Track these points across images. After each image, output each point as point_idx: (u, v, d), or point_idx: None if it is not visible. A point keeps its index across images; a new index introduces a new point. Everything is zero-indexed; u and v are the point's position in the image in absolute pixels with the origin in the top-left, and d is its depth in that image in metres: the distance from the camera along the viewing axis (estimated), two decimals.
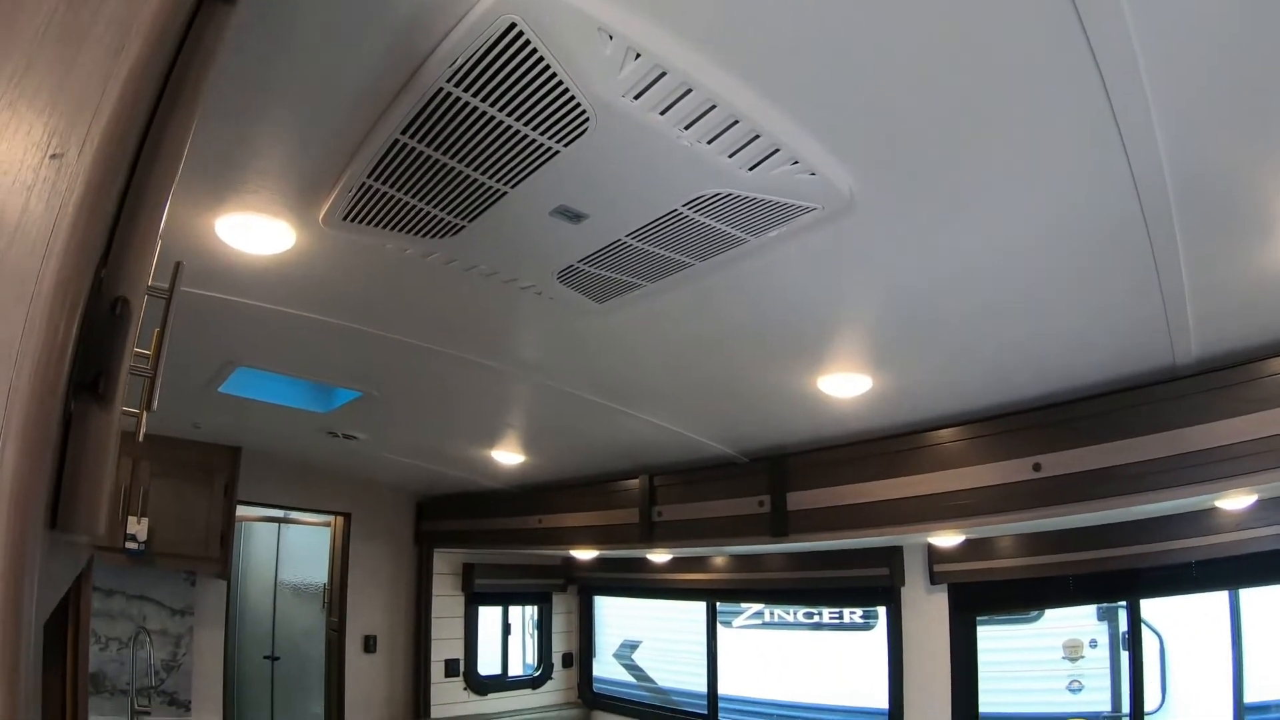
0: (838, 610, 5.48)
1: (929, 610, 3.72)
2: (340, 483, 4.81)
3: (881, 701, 3.91)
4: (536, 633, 5.53)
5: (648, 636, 5.58)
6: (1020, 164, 1.40)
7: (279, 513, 5.24)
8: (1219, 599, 4.80)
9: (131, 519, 3.68)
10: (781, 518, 3.03)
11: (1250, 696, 4.06)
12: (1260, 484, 2.21)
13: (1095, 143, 1.31)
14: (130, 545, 3.65)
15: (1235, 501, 2.80)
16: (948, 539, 3.29)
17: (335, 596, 4.88)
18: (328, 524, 5.07)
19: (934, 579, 3.66)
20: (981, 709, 3.71)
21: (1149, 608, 4.97)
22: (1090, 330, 2.14)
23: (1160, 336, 2.13)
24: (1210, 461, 2.23)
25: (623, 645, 5.57)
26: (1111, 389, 2.43)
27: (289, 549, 5.46)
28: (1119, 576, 3.39)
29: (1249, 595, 4.65)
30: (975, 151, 1.37)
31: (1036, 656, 5.32)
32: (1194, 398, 2.26)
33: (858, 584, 3.87)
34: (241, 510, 4.38)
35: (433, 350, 2.39)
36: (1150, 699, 3.98)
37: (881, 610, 4.09)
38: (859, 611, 5.37)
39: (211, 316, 2.16)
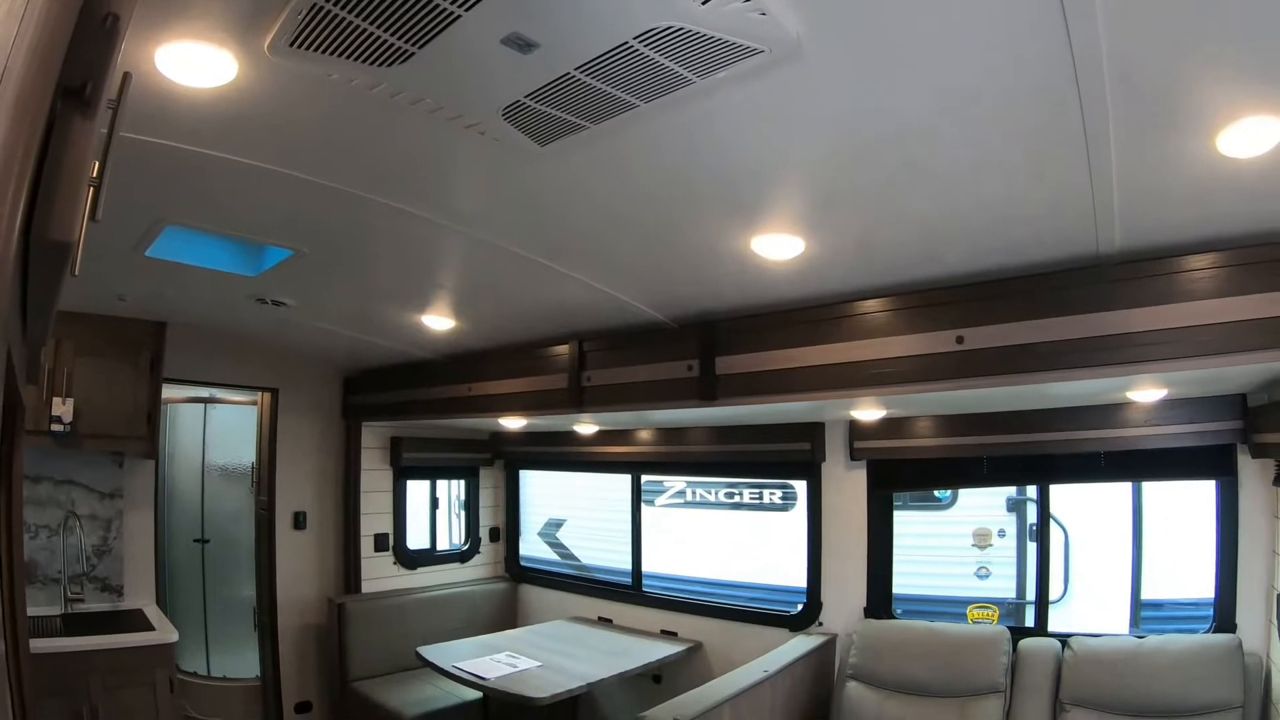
0: (758, 490, 5.65)
1: (848, 486, 3.83)
2: (268, 358, 4.69)
3: (799, 581, 4.05)
4: (464, 510, 5.59)
5: (572, 516, 5.70)
6: (959, 16, 1.37)
7: (205, 393, 5.13)
8: (1123, 499, 5.09)
9: (56, 400, 3.54)
10: (710, 382, 3.04)
11: (1146, 594, 4.36)
12: (1169, 371, 2.27)
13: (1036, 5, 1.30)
14: (56, 427, 3.54)
15: (1145, 393, 2.91)
16: (869, 412, 3.36)
17: (264, 474, 4.82)
18: (254, 402, 4.97)
19: (854, 455, 3.75)
20: (895, 590, 3.88)
21: (1057, 502, 5.24)
22: (1019, 204, 2.13)
23: (1086, 221, 2.15)
24: (1124, 346, 2.27)
25: (547, 524, 5.68)
26: (1037, 271, 2.46)
27: (215, 431, 5.36)
28: (1030, 461, 3.51)
29: (1151, 496, 4.94)
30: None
31: (948, 543, 5.61)
32: (1114, 285, 2.29)
33: (780, 458, 3.94)
34: (167, 391, 4.25)
35: (369, 200, 2.28)
36: (1054, 589, 4.18)
37: (801, 491, 4.23)
38: (778, 493, 5.56)
39: (144, 168, 2.04)
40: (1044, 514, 3.80)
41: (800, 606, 3.93)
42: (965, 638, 3.30)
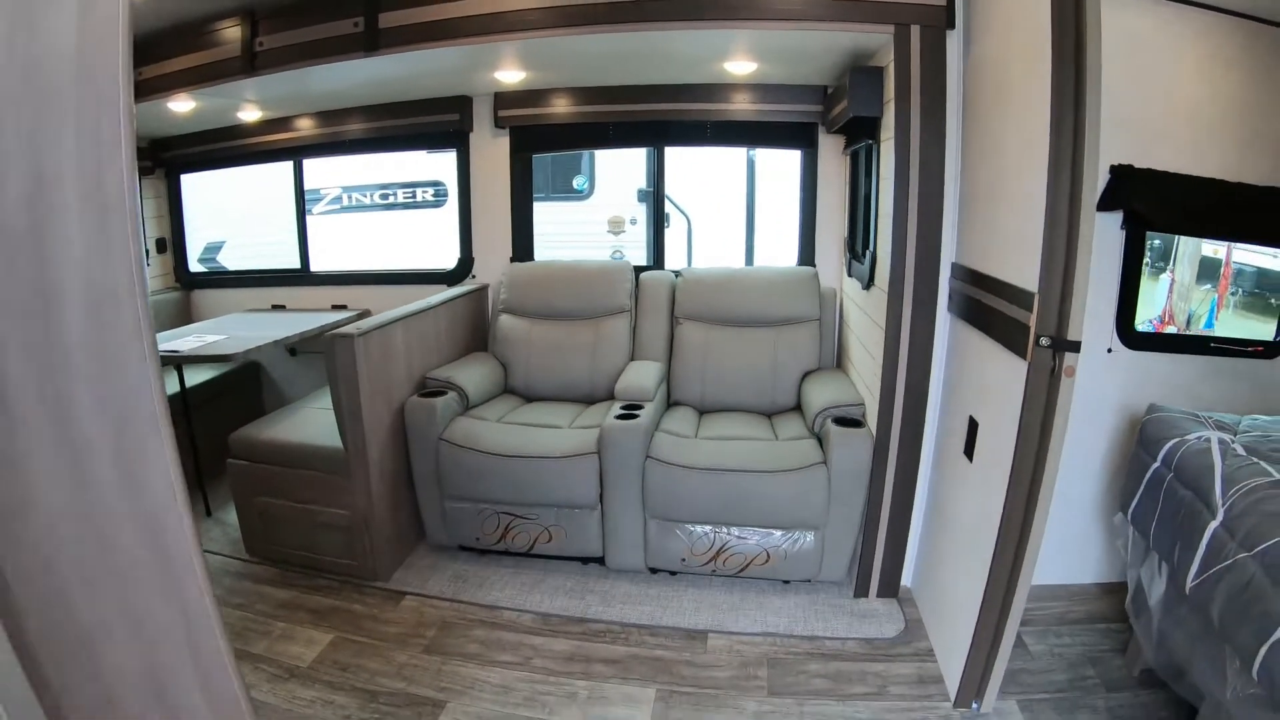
0: (411, 190, 5.78)
1: (493, 153, 4.11)
2: None
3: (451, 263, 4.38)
4: None
5: (231, 237, 5.39)
6: None
7: None
8: (738, 190, 6.02)
9: None
10: (374, 36, 3.04)
11: (758, 261, 5.29)
12: (750, 29, 2.77)
13: None
14: None
15: (740, 64, 3.43)
16: (511, 73, 3.57)
17: None
18: None
19: (499, 123, 4.00)
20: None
21: (682, 191, 6.07)
22: None
23: None
24: (723, 5, 2.72)
25: (206, 249, 5.31)
26: None
27: None
28: (650, 126, 4.01)
29: (762, 176, 5.88)
30: None
31: (587, 229, 6.32)
32: None
33: (433, 129, 4.06)
34: None
35: None
36: (679, 263, 4.92)
37: (450, 188, 4.44)
38: (430, 190, 5.74)
39: None
40: (660, 172, 4.39)
41: (455, 263, 4.28)
42: (596, 270, 3.92)
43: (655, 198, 4.40)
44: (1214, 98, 2.73)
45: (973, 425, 2.51)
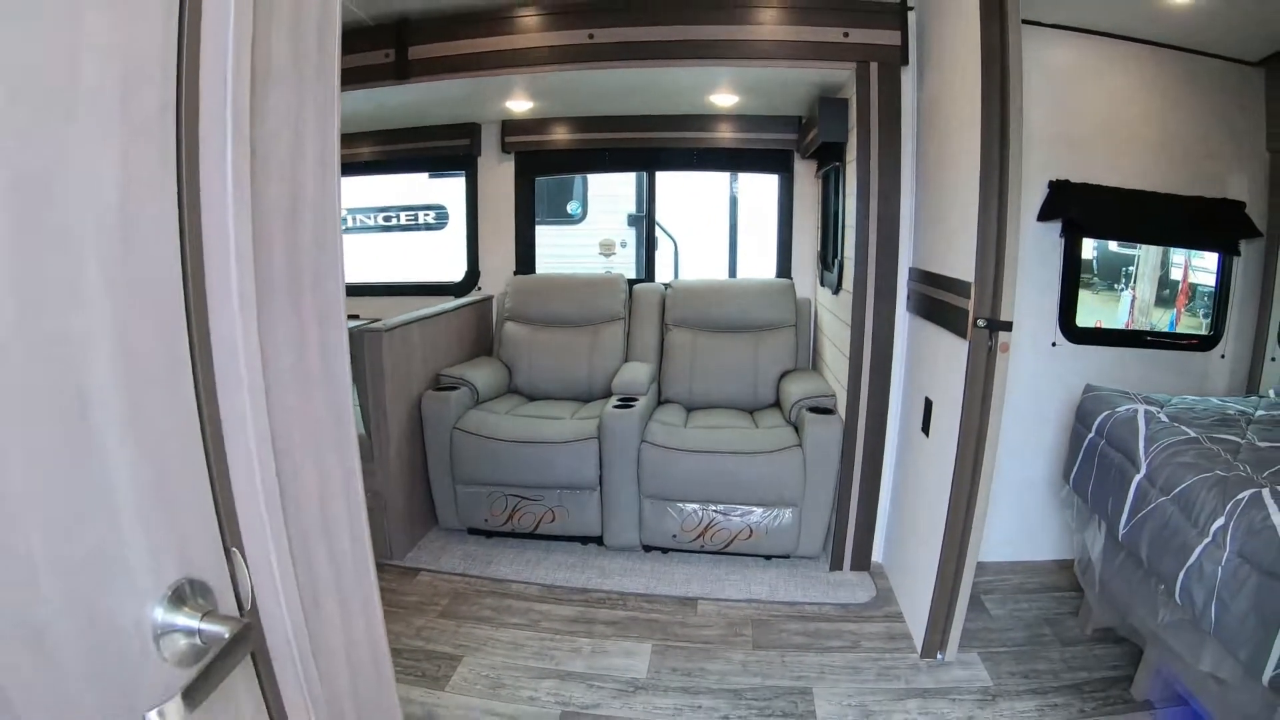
0: (413, 214, 6.13)
1: (499, 176, 4.50)
2: None
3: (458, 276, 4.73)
4: None
5: None
6: None
7: None
8: (722, 220, 6.41)
9: None
10: (404, 66, 3.40)
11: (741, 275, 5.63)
12: (736, 66, 3.20)
13: None
14: None
15: (724, 97, 3.86)
16: (520, 103, 3.96)
17: None
18: None
19: (505, 148, 4.41)
20: None
21: (669, 216, 6.45)
22: None
23: None
24: (710, 47, 3.13)
25: None
26: None
27: None
28: (643, 152, 4.43)
29: (745, 200, 6.28)
30: None
31: (579, 252, 6.69)
32: (703, 11, 3.11)
33: (446, 153, 4.44)
34: None
35: None
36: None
37: (451, 211, 4.85)
38: (432, 214, 6.10)
39: None
40: (651, 197, 4.80)
41: (463, 275, 4.63)
42: (593, 282, 4.29)
43: (646, 220, 4.79)
44: (1136, 118, 3.16)
45: (928, 405, 2.87)
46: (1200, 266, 3.54)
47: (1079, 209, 3.15)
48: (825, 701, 2.52)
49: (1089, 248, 3.40)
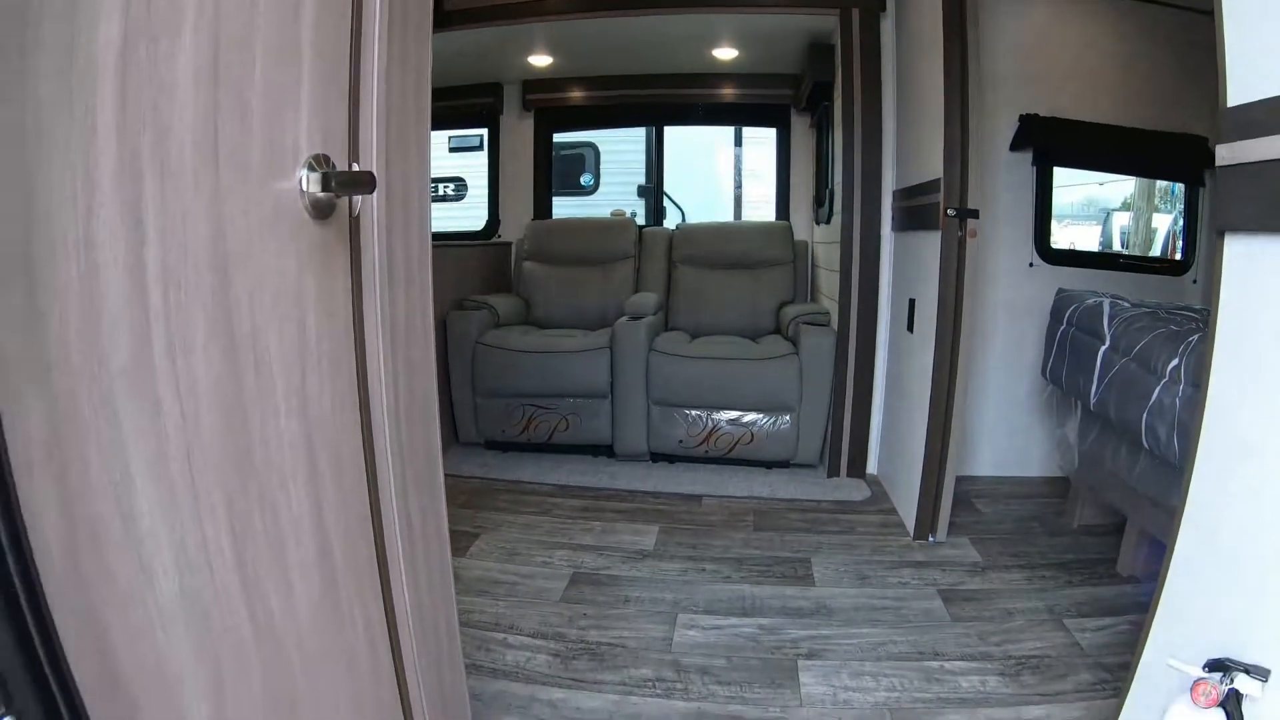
0: (433, 186, 6.44)
1: (521, 132, 4.86)
2: None
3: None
4: None
5: None
6: None
7: None
8: (727, 169, 6.70)
9: None
10: (442, 15, 3.74)
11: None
12: (735, 12, 3.55)
13: None
14: None
15: (724, 50, 4.21)
16: (540, 58, 4.30)
17: None
18: None
19: (526, 106, 4.76)
20: None
21: (674, 187, 6.75)
22: None
23: None
24: None
25: None
26: None
27: None
28: (652, 108, 4.79)
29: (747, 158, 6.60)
30: None
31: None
32: None
33: (469, 110, 4.80)
34: None
35: None
36: None
37: (469, 183, 5.22)
38: (450, 186, 6.40)
39: None
40: (660, 164, 5.11)
41: (483, 224, 4.96)
42: (606, 224, 4.62)
43: (655, 189, 5.13)
44: (1103, 60, 3.44)
45: (911, 304, 3.15)
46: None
47: (1048, 139, 3.43)
48: (822, 568, 2.77)
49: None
